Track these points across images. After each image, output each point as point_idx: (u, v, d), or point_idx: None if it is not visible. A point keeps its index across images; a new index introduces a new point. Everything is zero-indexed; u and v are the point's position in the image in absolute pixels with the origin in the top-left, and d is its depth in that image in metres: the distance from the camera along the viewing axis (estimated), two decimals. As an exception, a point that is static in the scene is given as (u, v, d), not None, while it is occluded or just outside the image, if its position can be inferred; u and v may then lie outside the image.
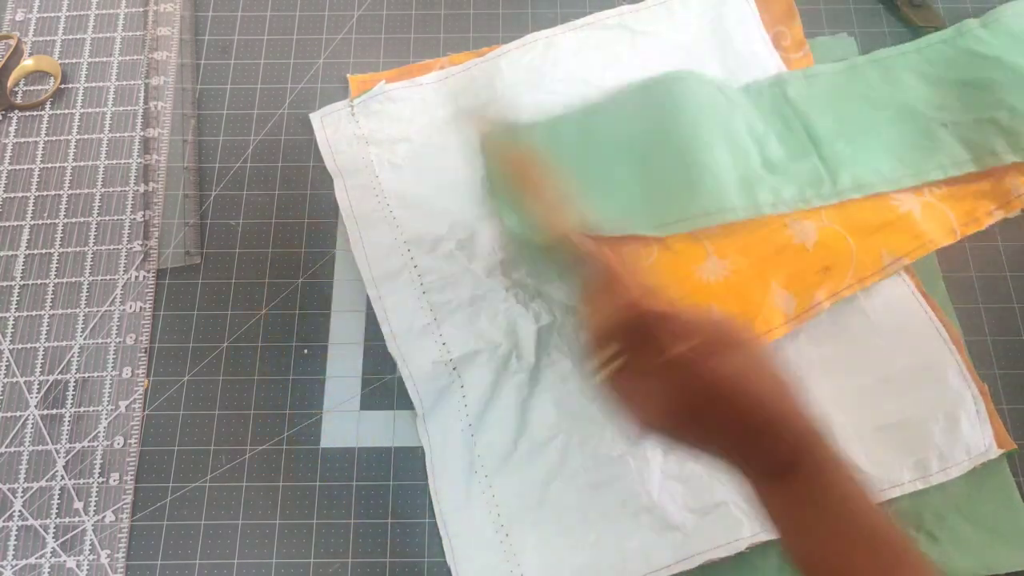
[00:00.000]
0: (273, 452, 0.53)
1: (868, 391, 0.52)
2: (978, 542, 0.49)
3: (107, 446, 0.53)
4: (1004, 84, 0.58)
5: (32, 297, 0.57)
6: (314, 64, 0.64)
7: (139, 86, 0.63)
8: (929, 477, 0.49)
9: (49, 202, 0.59)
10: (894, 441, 0.50)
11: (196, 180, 0.60)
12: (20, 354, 0.55)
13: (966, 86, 0.59)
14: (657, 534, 0.49)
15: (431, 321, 0.55)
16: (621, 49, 0.63)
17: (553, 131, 0.59)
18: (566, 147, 0.58)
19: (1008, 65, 0.58)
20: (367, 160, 0.60)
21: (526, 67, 0.62)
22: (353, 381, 0.55)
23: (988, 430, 0.50)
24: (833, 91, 0.60)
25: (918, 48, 0.61)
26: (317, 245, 0.58)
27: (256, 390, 0.55)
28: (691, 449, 0.37)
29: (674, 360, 0.36)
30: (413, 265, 0.57)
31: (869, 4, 0.65)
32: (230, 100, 0.63)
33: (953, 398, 0.51)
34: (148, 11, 0.65)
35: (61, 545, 0.51)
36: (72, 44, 0.64)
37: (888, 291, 0.54)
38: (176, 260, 0.58)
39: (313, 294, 0.57)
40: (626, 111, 0.59)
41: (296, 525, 0.51)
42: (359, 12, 0.66)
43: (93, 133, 0.61)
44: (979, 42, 0.60)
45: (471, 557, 0.50)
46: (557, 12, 0.65)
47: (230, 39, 0.65)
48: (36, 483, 0.52)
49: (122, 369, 0.55)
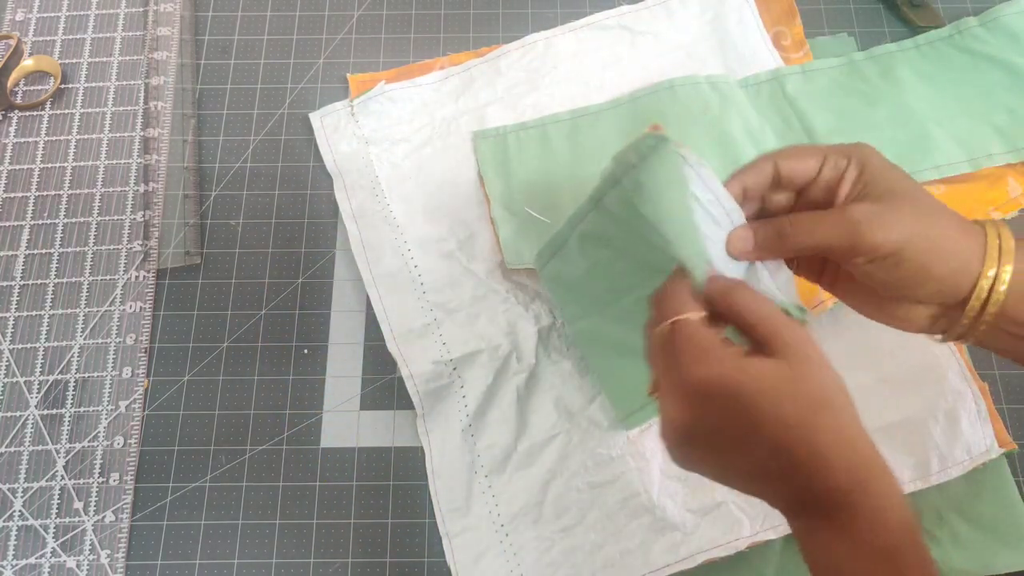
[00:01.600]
0: (273, 452, 0.53)
1: (868, 390, 0.51)
2: (978, 542, 0.49)
3: (107, 446, 0.53)
4: (1003, 85, 0.58)
5: (32, 297, 0.57)
6: (314, 64, 0.64)
7: (139, 86, 0.63)
8: (930, 477, 0.49)
9: (49, 202, 0.59)
10: (895, 441, 0.50)
11: (196, 180, 0.60)
12: (20, 354, 0.55)
13: (964, 86, 0.59)
14: (657, 533, 0.49)
15: (431, 321, 0.55)
16: (621, 49, 0.63)
17: (543, 136, 0.59)
18: (556, 154, 0.59)
19: (1007, 65, 0.58)
20: (367, 160, 0.60)
21: (526, 67, 0.62)
22: (353, 381, 0.55)
23: (989, 430, 0.50)
24: (831, 88, 0.60)
25: (917, 45, 0.61)
26: (317, 245, 0.58)
27: (256, 390, 0.55)
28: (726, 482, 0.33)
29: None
30: (414, 265, 0.57)
31: (869, 4, 0.65)
32: (230, 100, 0.63)
33: (953, 397, 0.51)
34: (148, 11, 0.65)
35: (61, 545, 0.51)
36: (72, 44, 0.64)
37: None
38: (176, 260, 0.58)
39: (313, 294, 0.57)
40: (616, 126, 0.59)
41: (296, 525, 0.51)
42: (359, 12, 0.66)
43: (93, 133, 0.61)
44: (977, 41, 0.60)
45: (471, 557, 0.50)
46: (557, 12, 0.65)
47: (230, 39, 0.65)
48: (36, 483, 0.52)
49: (122, 369, 0.55)
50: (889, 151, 0.56)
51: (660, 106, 0.59)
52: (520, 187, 0.58)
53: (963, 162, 0.56)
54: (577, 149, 0.59)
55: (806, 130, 0.58)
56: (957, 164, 0.56)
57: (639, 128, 0.59)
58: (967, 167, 0.56)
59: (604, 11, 0.64)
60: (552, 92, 0.61)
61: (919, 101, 0.58)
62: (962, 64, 0.60)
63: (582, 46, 0.63)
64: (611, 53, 0.63)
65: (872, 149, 0.36)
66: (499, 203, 0.57)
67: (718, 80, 0.60)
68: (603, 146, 0.59)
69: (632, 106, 0.60)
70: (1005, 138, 0.57)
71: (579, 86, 0.61)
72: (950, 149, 0.57)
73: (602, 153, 0.58)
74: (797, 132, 0.58)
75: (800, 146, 0.37)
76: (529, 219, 0.57)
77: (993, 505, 0.50)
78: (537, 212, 0.56)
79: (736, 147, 0.57)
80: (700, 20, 0.64)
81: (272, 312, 0.56)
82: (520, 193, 0.58)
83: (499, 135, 0.59)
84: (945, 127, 0.57)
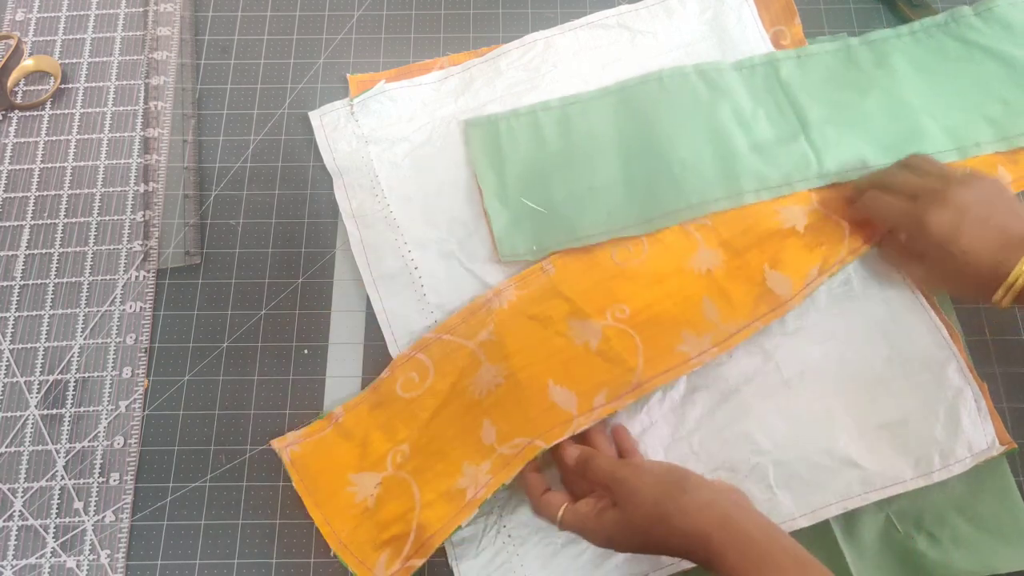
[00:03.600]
0: (273, 452, 0.53)
1: (869, 389, 0.51)
2: (978, 542, 0.49)
3: (107, 446, 0.53)
4: (997, 76, 0.58)
5: (32, 297, 0.57)
6: (314, 64, 0.64)
7: (139, 86, 0.63)
8: (931, 474, 0.49)
9: (49, 202, 0.59)
10: (896, 439, 0.50)
11: (196, 180, 0.60)
12: (20, 354, 0.55)
13: (959, 76, 0.59)
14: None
15: (431, 322, 0.55)
16: (620, 49, 0.63)
17: (533, 124, 0.59)
18: (547, 143, 0.59)
19: (1001, 56, 0.59)
20: (367, 159, 0.60)
21: (525, 67, 0.62)
22: (353, 381, 0.55)
23: (989, 427, 0.50)
24: (825, 76, 0.60)
25: (912, 31, 0.62)
26: (317, 245, 0.58)
27: (256, 390, 0.54)
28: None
29: None
30: (414, 267, 0.57)
31: (869, 4, 0.65)
32: (230, 100, 0.63)
33: (953, 395, 0.51)
34: (148, 11, 0.65)
35: (61, 545, 0.51)
36: (72, 44, 0.64)
37: (888, 288, 0.54)
38: (176, 260, 0.58)
39: (313, 294, 0.57)
40: (606, 117, 0.60)
41: (296, 525, 0.51)
42: (359, 12, 0.66)
43: (93, 133, 0.61)
44: (972, 30, 0.60)
45: (472, 557, 0.49)
46: (557, 12, 0.65)
47: (230, 39, 0.65)
48: (36, 483, 0.52)
49: (122, 369, 0.55)
50: (878, 141, 0.57)
51: (649, 97, 0.60)
52: (512, 177, 0.58)
53: (951, 151, 0.57)
54: (568, 137, 0.59)
55: (799, 117, 0.58)
56: (945, 153, 0.56)
57: (630, 118, 0.59)
58: (955, 156, 0.57)
59: (604, 11, 0.64)
60: (552, 91, 0.61)
61: (912, 91, 0.59)
62: (957, 53, 0.60)
63: (582, 45, 0.63)
64: (611, 52, 0.63)
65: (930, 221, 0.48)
66: (492, 194, 0.57)
67: (707, 68, 0.60)
68: (594, 136, 0.59)
69: (621, 95, 0.60)
70: (996, 128, 0.57)
71: (579, 85, 0.62)
72: (939, 139, 0.57)
73: (593, 143, 0.58)
74: (789, 118, 0.58)
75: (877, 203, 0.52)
76: (523, 211, 0.57)
77: (994, 504, 0.50)
78: (531, 202, 0.56)
79: (726, 136, 0.57)
80: (699, 19, 0.64)
81: (272, 312, 0.56)
82: (512, 183, 0.58)
83: (490, 122, 0.60)
84: (937, 118, 0.58)
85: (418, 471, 0.50)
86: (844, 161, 0.56)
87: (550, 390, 0.50)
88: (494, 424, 0.50)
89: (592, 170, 0.58)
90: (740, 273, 0.53)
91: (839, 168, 0.56)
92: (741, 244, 0.54)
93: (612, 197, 0.57)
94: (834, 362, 0.52)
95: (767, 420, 0.51)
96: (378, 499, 0.50)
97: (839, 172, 0.56)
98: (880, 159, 0.56)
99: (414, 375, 0.53)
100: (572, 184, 0.57)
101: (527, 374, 0.51)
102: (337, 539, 0.49)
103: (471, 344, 0.53)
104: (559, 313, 0.53)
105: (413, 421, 0.52)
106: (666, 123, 0.58)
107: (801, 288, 0.52)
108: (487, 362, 0.52)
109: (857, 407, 0.51)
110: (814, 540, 0.48)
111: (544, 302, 0.54)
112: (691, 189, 0.56)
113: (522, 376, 0.51)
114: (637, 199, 0.56)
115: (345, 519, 0.50)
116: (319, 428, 0.52)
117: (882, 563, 0.49)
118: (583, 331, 0.52)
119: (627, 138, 0.59)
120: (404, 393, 0.52)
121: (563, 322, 0.53)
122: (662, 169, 0.57)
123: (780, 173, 0.56)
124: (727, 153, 0.57)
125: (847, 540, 0.49)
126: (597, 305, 0.53)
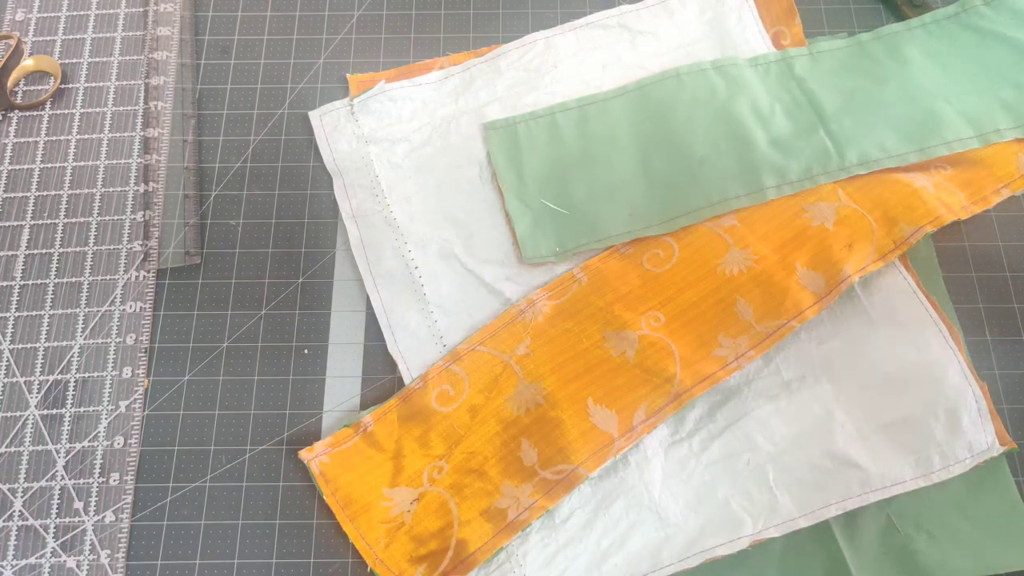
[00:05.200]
0: (273, 452, 0.53)
1: (869, 389, 0.51)
2: (978, 542, 0.49)
3: (107, 446, 0.53)
4: (1009, 61, 0.59)
5: (32, 297, 0.57)
6: (314, 64, 0.64)
7: (139, 86, 0.63)
8: (931, 475, 0.49)
9: (49, 202, 0.59)
10: (896, 439, 0.50)
11: (196, 180, 0.60)
12: (20, 354, 0.55)
13: (971, 62, 0.60)
14: (658, 532, 0.49)
15: (432, 323, 0.55)
16: (621, 49, 0.63)
17: (552, 125, 0.59)
18: (566, 143, 0.59)
19: (1013, 41, 0.59)
20: (367, 159, 0.60)
21: (525, 67, 0.62)
22: (353, 381, 0.55)
23: (990, 427, 0.50)
24: (839, 68, 0.61)
25: (923, 24, 0.62)
26: (317, 245, 0.58)
27: (256, 390, 0.54)
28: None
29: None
30: (415, 267, 0.57)
31: (869, 4, 0.65)
32: (230, 100, 0.63)
33: (954, 395, 0.51)
34: (148, 11, 0.65)
35: (61, 545, 0.51)
36: (72, 44, 0.64)
37: (888, 288, 0.54)
38: (176, 260, 0.58)
39: (313, 294, 0.57)
40: (624, 116, 0.60)
41: (296, 525, 0.51)
42: (359, 12, 0.66)
43: (93, 133, 0.61)
44: (983, 19, 0.61)
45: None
46: (557, 12, 0.65)
47: (230, 39, 0.65)
48: (36, 483, 0.52)
49: (122, 369, 0.55)
50: (898, 129, 0.57)
51: (667, 94, 0.60)
52: (533, 178, 0.58)
53: (972, 138, 0.57)
54: (587, 138, 0.59)
55: (816, 110, 0.58)
56: (966, 140, 0.56)
57: (648, 117, 0.59)
58: (976, 143, 0.57)
59: (604, 11, 0.64)
60: (552, 91, 0.61)
61: (927, 79, 0.59)
62: (968, 41, 0.60)
63: (582, 45, 0.63)
64: (611, 53, 0.63)
65: None
66: (513, 195, 0.57)
67: (725, 64, 0.60)
68: (613, 135, 0.59)
69: (640, 94, 0.60)
70: (1013, 113, 0.57)
71: (579, 85, 0.62)
72: (959, 126, 0.57)
73: (612, 142, 0.58)
74: (806, 111, 0.59)
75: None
76: (545, 212, 0.57)
77: (993, 504, 0.50)
78: (552, 203, 0.57)
79: (746, 130, 0.57)
80: (700, 20, 0.64)
81: (272, 312, 0.56)
82: (533, 184, 0.58)
83: (509, 125, 0.60)
84: (953, 104, 0.58)
85: (456, 488, 0.50)
86: (865, 150, 0.56)
87: (590, 410, 0.50)
88: (534, 446, 0.50)
89: (612, 169, 0.58)
90: (773, 272, 0.53)
91: (860, 158, 0.56)
92: (772, 244, 0.54)
93: (633, 196, 0.57)
94: (834, 363, 0.52)
95: (767, 421, 0.51)
96: (415, 515, 0.50)
97: (860, 162, 0.56)
98: (901, 147, 0.56)
99: (448, 388, 0.53)
100: (593, 184, 0.57)
101: (565, 393, 0.51)
102: (373, 554, 0.49)
103: (506, 358, 0.53)
104: (595, 324, 0.53)
105: (450, 436, 0.52)
106: (685, 120, 0.58)
107: (836, 285, 0.52)
108: (524, 379, 0.52)
109: (857, 408, 0.51)
110: (814, 540, 0.48)
111: (578, 313, 0.54)
112: (712, 186, 0.56)
113: (560, 396, 0.51)
114: (658, 197, 0.57)
115: (380, 534, 0.50)
116: (347, 436, 0.52)
117: (882, 563, 0.49)
118: (620, 342, 0.52)
119: (646, 136, 0.59)
120: (440, 407, 0.52)
121: (599, 334, 0.53)
122: (682, 166, 0.57)
123: (800, 166, 0.56)
124: (746, 148, 0.57)
125: (847, 540, 0.49)
126: (632, 314, 0.53)
